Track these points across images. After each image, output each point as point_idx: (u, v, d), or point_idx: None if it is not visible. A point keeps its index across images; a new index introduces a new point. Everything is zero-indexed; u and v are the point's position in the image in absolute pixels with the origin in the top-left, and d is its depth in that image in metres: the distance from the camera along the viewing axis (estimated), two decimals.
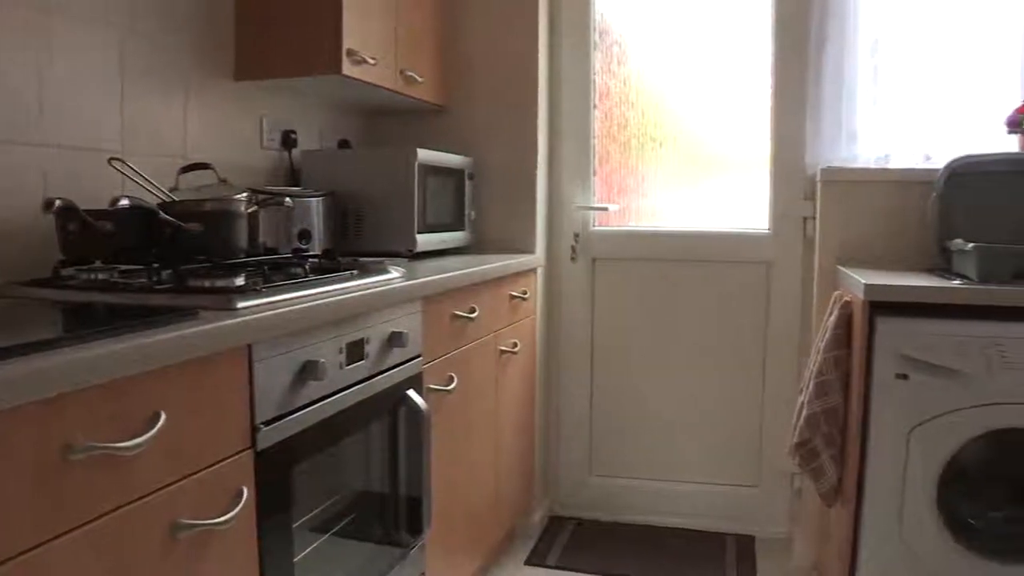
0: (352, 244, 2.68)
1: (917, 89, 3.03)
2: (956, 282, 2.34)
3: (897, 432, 2.27)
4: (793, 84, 3.11)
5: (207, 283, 1.57)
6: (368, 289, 1.83)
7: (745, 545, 3.22)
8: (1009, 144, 2.85)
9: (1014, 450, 2.29)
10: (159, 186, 1.97)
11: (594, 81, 3.32)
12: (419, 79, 2.86)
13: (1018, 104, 2.83)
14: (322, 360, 1.62)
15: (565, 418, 3.46)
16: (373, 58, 2.53)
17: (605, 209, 3.34)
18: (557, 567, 3.01)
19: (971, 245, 2.35)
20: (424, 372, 2.15)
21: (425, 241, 2.73)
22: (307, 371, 1.60)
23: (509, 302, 2.82)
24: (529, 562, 3.05)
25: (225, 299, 1.46)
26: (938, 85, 3.01)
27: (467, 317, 2.41)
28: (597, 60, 3.33)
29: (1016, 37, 2.93)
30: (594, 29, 3.30)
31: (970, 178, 2.71)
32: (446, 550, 2.36)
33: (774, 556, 3.13)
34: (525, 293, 2.96)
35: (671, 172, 3.34)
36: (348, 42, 2.42)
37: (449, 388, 2.28)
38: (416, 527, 2.10)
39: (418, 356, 2.11)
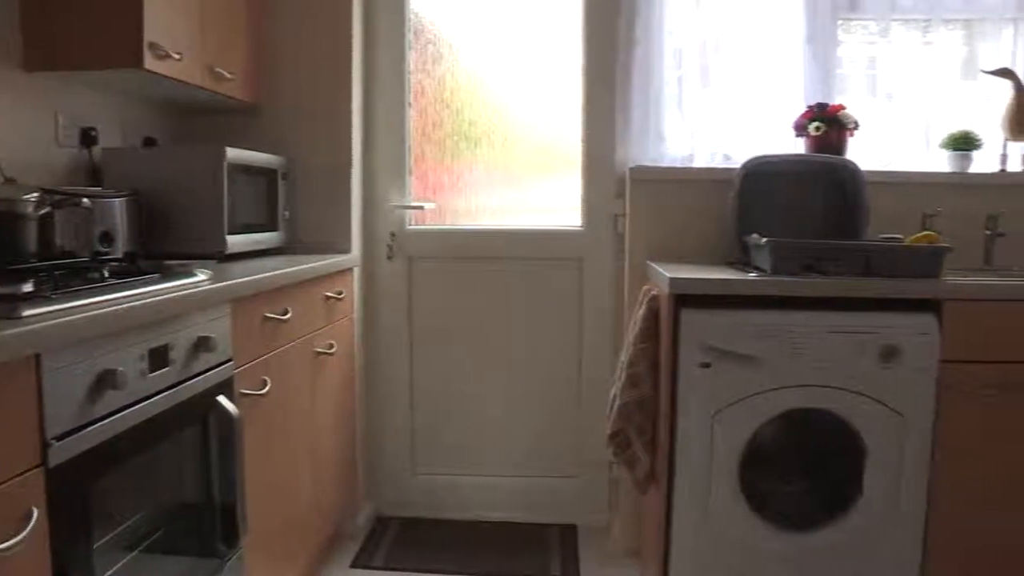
0: (159, 247, 2.56)
1: (718, 92, 3.19)
2: (752, 275, 2.49)
3: (702, 418, 2.40)
4: (604, 85, 3.21)
5: None
6: (171, 293, 1.75)
7: (567, 534, 3.31)
8: (797, 146, 3.05)
9: (804, 428, 2.47)
10: None
11: (409, 80, 3.31)
12: (228, 75, 2.76)
13: (803, 110, 3.04)
14: (121, 369, 1.54)
15: (386, 418, 3.44)
16: (178, 52, 2.42)
17: (421, 208, 3.34)
18: (383, 568, 2.99)
19: (765, 240, 2.50)
20: (235, 377, 2.08)
21: (236, 242, 2.64)
22: (105, 381, 1.52)
23: (325, 303, 2.77)
24: (355, 564, 3.02)
25: (8, 307, 1.36)
26: (737, 89, 3.19)
27: (280, 319, 2.35)
28: (412, 59, 3.32)
29: (803, 50, 3.15)
30: (409, 28, 3.30)
31: (763, 177, 2.89)
32: (266, 557, 2.30)
33: (595, 543, 3.23)
34: (341, 293, 2.92)
35: (486, 171, 3.38)
36: (151, 35, 2.30)
37: (263, 392, 2.22)
38: (232, 536, 2.03)
39: (229, 360, 2.04)
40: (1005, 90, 3.11)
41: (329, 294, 2.81)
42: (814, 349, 2.37)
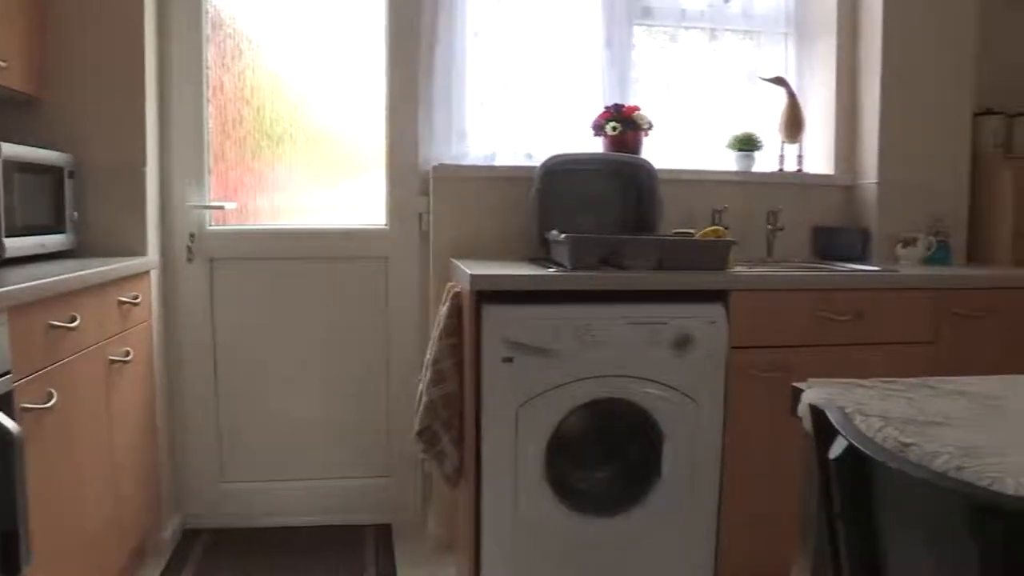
0: None
1: (519, 92, 3.27)
2: (552, 270, 2.56)
3: (507, 412, 2.45)
4: (407, 83, 3.22)
5: None
6: None
7: (382, 534, 3.30)
8: (596, 145, 3.17)
9: (607, 417, 2.57)
10: None
11: (207, 75, 3.20)
12: (2, 64, 2.58)
13: (601, 111, 3.17)
14: None
15: (191, 425, 3.31)
16: None
17: (221, 208, 3.24)
18: None
19: (563, 236, 2.59)
20: (15, 390, 1.95)
21: (15, 246, 2.47)
22: None
23: (119, 308, 2.64)
24: None
25: None
26: (538, 89, 3.28)
27: (68, 327, 2.22)
28: (210, 53, 3.21)
29: (600, 53, 3.28)
30: (206, 20, 3.18)
31: (563, 175, 2.99)
32: None
33: (410, 540, 3.24)
34: (137, 298, 2.79)
35: (289, 170, 3.32)
36: None
37: (48, 406, 2.09)
38: (13, 566, 1.90)
39: (7, 373, 1.91)
40: (780, 96, 3.35)
41: (124, 299, 2.68)
42: (612, 340, 2.47)
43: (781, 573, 1.54)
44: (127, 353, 2.69)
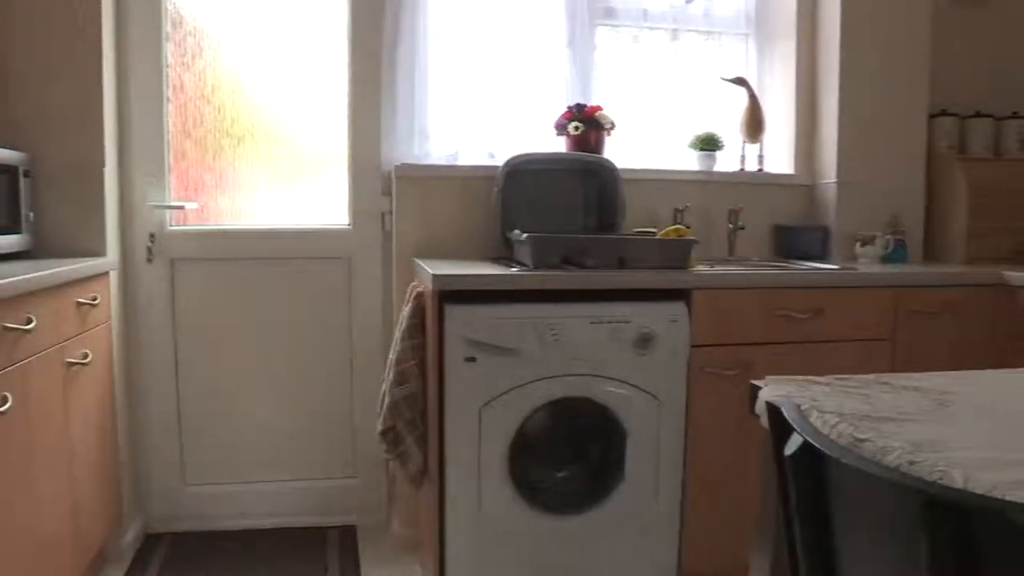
0: None
1: (482, 91, 3.28)
2: (514, 269, 2.57)
3: (470, 411, 2.45)
4: (369, 82, 3.20)
5: None
6: None
7: (347, 535, 3.28)
8: (558, 145, 3.18)
9: (571, 416, 2.58)
10: None
11: (167, 74, 3.17)
12: None
13: (564, 111, 3.17)
14: None
15: (153, 429, 3.27)
16: None
17: (182, 208, 3.20)
18: None
19: (526, 235, 2.59)
20: None
21: None
22: None
23: (77, 310, 2.61)
24: None
25: None
26: (500, 89, 3.29)
27: (22, 329, 2.19)
28: (170, 52, 3.17)
29: (563, 53, 3.29)
30: (166, 18, 3.15)
31: (525, 174, 3.00)
32: None
33: (375, 542, 3.23)
34: (96, 299, 2.75)
35: (251, 169, 3.28)
36: None
37: (2, 410, 2.06)
38: None
39: None
40: (742, 96, 3.38)
41: (82, 300, 2.64)
42: (574, 340, 2.48)
43: (744, 571, 1.56)
44: (85, 355, 2.65)
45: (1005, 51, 3.64)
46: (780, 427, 1.14)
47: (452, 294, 2.46)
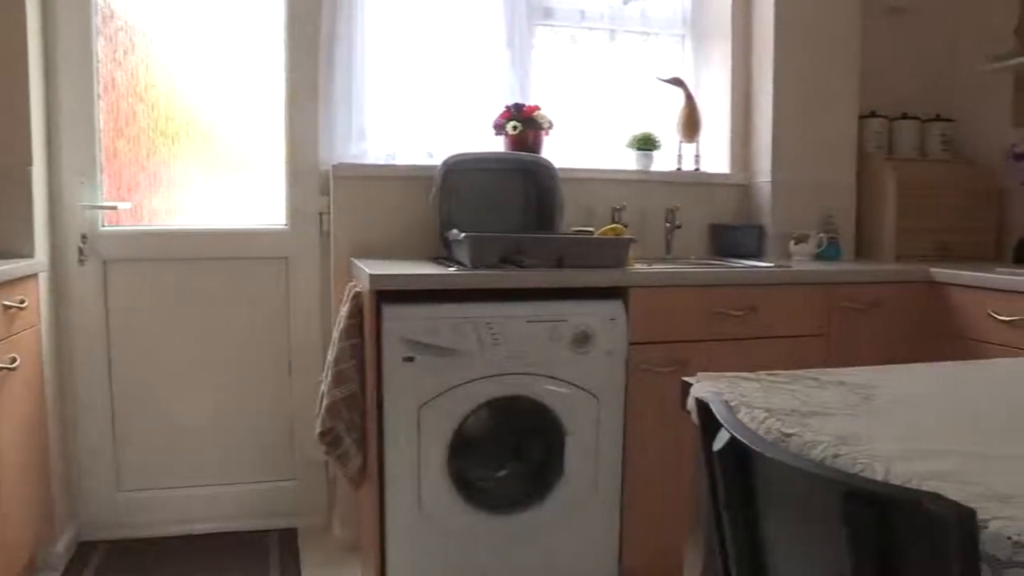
0: None
1: (420, 91, 3.27)
2: (452, 269, 2.57)
3: (408, 411, 2.45)
4: (306, 81, 3.17)
5: None
6: None
7: (288, 538, 3.25)
8: (497, 144, 3.19)
9: (511, 415, 2.59)
10: None
11: (98, 70, 3.09)
12: None
13: (502, 110, 3.18)
14: None
15: (85, 434, 3.20)
16: None
17: (115, 208, 3.14)
18: None
19: (463, 235, 2.59)
20: None
21: None
22: None
23: (4, 313, 2.54)
24: None
25: None
26: (439, 88, 3.28)
27: None
28: (101, 47, 3.10)
29: (501, 53, 3.30)
30: (96, 12, 3.07)
31: (464, 174, 2.99)
32: None
33: (316, 544, 3.20)
34: (23, 302, 2.68)
35: (186, 169, 3.23)
36: None
37: None
38: None
39: None
40: (678, 97, 3.42)
41: (9, 303, 2.58)
42: (512, 339, 2.49)
43: (681, 564, 1.58)
44: (13, 360, 2.59)
45: (929, 56, 3.74)
46: (709, 423, 1.16)
47: (390, 294, 2.45)
